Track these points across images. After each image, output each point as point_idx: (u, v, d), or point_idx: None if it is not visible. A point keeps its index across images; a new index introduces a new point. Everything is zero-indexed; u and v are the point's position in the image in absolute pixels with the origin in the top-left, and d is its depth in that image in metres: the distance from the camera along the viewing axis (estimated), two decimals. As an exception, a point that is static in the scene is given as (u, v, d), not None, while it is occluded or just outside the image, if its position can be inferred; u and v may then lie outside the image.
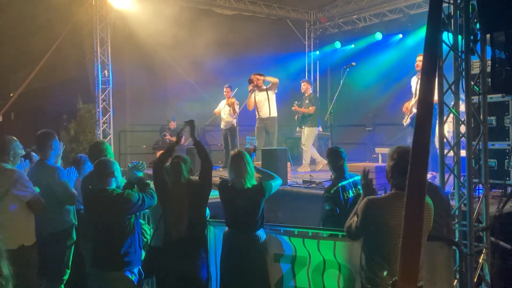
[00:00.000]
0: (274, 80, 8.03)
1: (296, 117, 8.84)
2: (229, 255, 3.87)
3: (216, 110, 9.40)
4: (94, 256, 3.65)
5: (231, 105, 8.78)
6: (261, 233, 3.89)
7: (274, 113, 7.99)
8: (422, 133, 1.38)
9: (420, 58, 7.24)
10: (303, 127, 8.57)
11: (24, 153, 4.13)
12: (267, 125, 7.96)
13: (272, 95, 8.10)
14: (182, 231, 3.57)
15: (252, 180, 3.82)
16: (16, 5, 9.39)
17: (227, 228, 3.93)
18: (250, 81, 8.07)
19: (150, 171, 3.95)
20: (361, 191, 4.00)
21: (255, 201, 3.78)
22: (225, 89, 9.20)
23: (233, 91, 9.06)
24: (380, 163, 7.82)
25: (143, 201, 3.61)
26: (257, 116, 8.22)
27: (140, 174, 3.85)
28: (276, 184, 3.98)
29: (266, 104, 8.00)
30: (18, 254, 3.77)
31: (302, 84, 8.78)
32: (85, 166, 4.68)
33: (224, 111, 9.07)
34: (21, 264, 3.78)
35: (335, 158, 4.29)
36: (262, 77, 8.09)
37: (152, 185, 3.83)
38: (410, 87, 6.90)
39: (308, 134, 8.47)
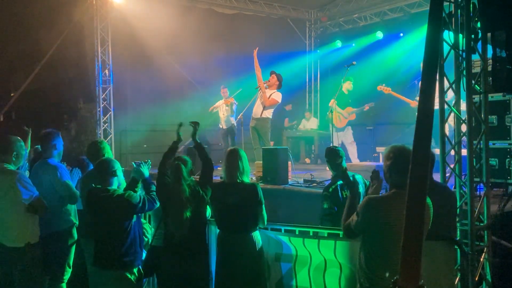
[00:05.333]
0: (273, 102, 7.86)
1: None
2: (223, 259, 3.81)
3: (211, 108, 9.36)
4: (96, 255, 3.66)
5: (229, 105, 8.75)
6: (257, 235, 3.84)
7: (266, 115, 7.71)
8: (423, 133, 1.37)
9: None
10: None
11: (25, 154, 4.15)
12: (257, 125, 7.81)
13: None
14: (184, 233, 3.57)
15: (244, 177, 3.82)
16: (17, 4, 9.39)
17: (220, 230, 3.89)
18: (274, 76, 7.88)
19: (154, 171, 3.93)
20: (361, 189, 4.01)
21: (247, 198, 3.75)
22: (222, 89, 9.16)
23: (228, 91, 9.06)
24: (380, 162, 7.81)
25: (144, 203, 3.59)
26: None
27: (147, 173, 3.83)
28: (264, 215, 3.88)
29: (260, 103, 7.90)
30: (24, 252, 3.79)
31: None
32: (88, 168, 4.70)
33: (223, 111, 9.04)
34: (27, 262, 3.80)
35: (332, 157, 4.31)
36: (276, 82, 7.89)
37: (155, 187, 3.82)
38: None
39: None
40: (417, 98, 8.03)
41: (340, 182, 4.20)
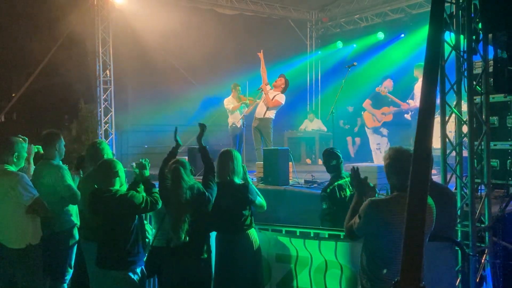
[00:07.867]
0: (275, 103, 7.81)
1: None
2: (221, 259, 3.84)
3: (233, 106, 9.23)
4: (99, 255, 3.66)
5: (253, 105, 8.70)
6: (253, 233, 3.88)
7: (269, 115, 7.69)
8: (424, 134, 1.37)
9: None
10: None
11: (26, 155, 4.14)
12: (260, 125, 7.80)
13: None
14: (180, 237, 3.55)
15: (235, 177, 3.87)
16: (18, 5, 9.41)
17: (216, 231, 3.92)
18: (283, 79, 7.87)
19: (155, 172, 3.92)
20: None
21: (238, 198, 3.80)
22: (236, 87, 9.12)
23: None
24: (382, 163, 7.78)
25: (146, 204, 3.58)
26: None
27: (147, 173, 3.83)
28: (262, 201, 3.99)
29: (263, 104, 7.88)
30: (26, 253, 3.79)
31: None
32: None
33: (241, 110, 9.00)
34: (28, 263, 3.81)
35: (326, 158, 4.39)
36: (282, 84, 7.84)
37: (156, 189, 3.81)
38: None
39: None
40: (409, 101, 8.07)
41: (338, 182, 4.25)
